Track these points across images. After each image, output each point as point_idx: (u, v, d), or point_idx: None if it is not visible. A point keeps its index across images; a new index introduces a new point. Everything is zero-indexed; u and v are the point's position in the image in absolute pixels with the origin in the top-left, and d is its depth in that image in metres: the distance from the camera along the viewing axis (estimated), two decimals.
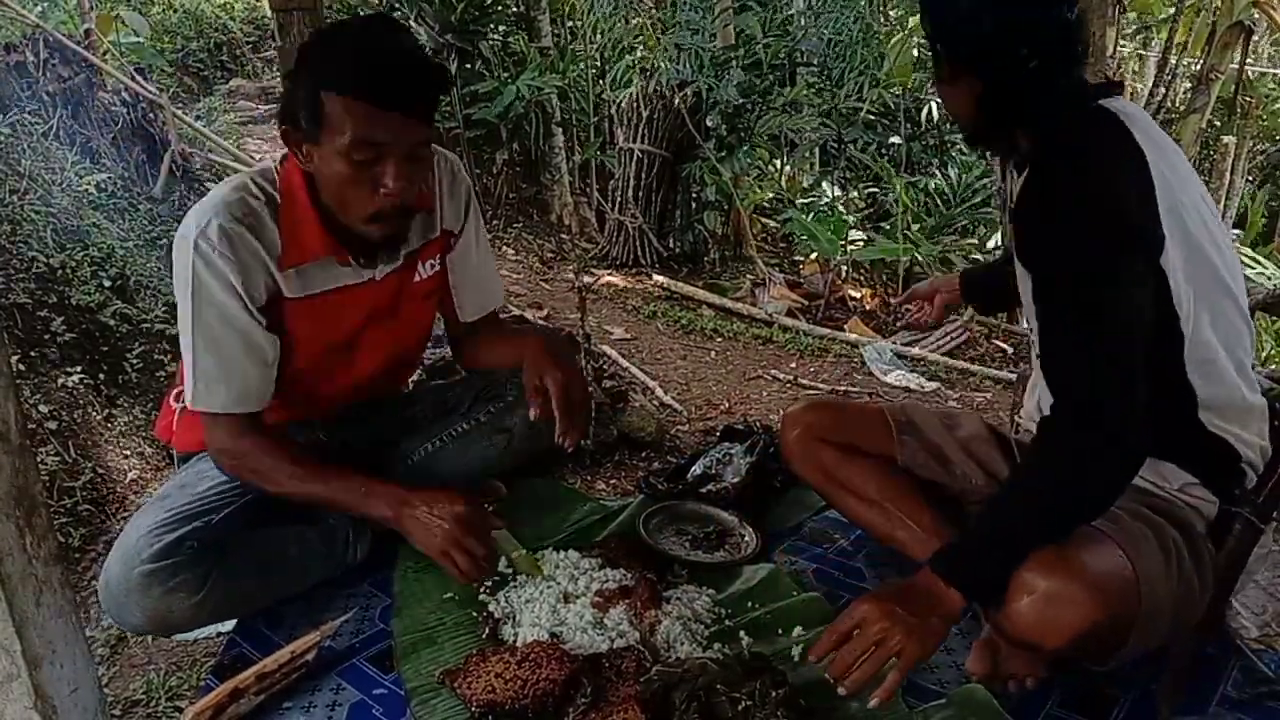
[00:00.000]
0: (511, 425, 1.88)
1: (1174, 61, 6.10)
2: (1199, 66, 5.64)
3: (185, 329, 1.54)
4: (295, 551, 1.70)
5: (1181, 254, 1.29)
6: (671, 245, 5.71)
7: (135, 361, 3.13)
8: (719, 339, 4.36)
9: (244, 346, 1.54)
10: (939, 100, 1.65)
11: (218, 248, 1.48)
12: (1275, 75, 8.04)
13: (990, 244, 5.75)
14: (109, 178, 4.01)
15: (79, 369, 2.93)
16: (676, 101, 5.29)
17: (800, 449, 1.75)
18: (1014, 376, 3.46)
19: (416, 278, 1.72)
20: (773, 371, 3.85)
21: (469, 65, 5.48)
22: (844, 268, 5.42)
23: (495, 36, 5.68)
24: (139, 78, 4.85)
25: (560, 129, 6.01)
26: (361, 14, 5.10)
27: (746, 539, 1.96)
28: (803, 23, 6.03)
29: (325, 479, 1.57)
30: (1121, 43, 6.94)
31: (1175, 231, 1.28)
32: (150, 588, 1.48)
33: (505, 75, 5.43)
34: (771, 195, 6.34)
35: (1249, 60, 5.85)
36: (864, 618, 1.31)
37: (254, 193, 1.54)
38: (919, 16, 1.51)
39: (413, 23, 5.40)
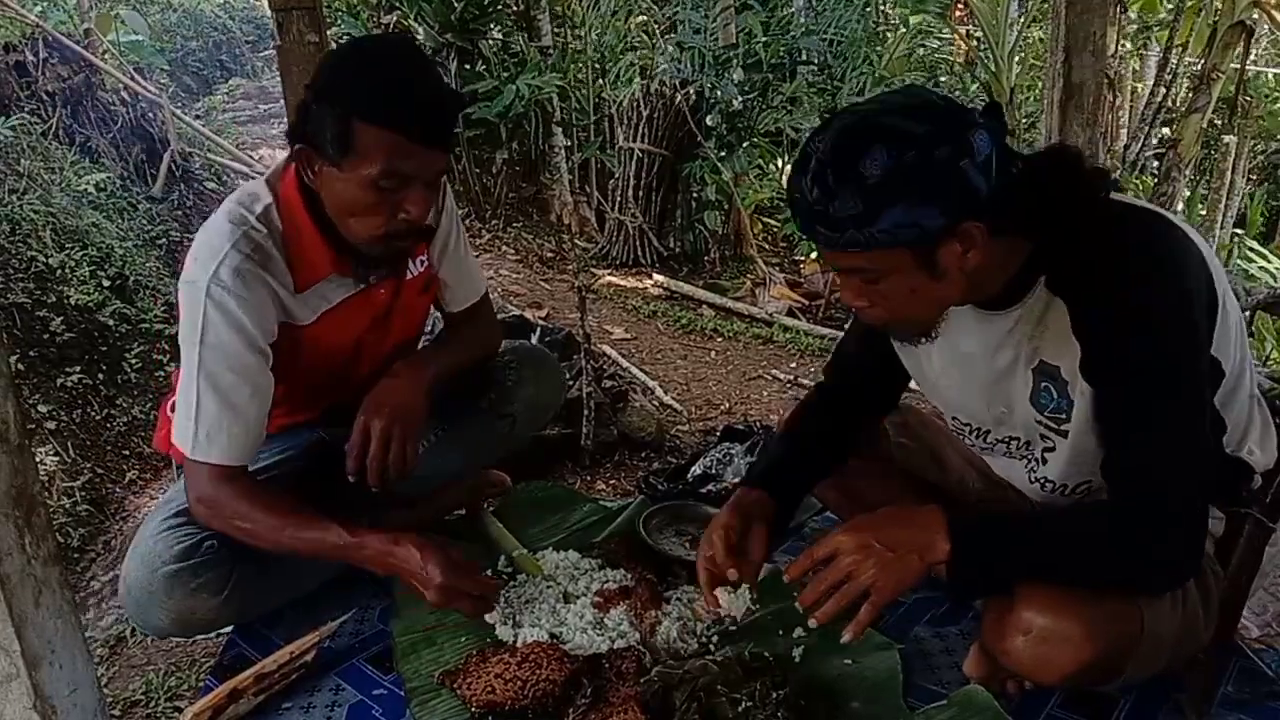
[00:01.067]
0: (513, 410, 1.89)
1: (1174, 61, 6.10)
2: (1200, 66, 5.63)
3: (191, 375, 1.49)
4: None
5: (1223, 309, 1.23)
6: (671, 245, 5.70)
7: (134, 361, 3.13)
8: (719, 339, 4.35)
9: (250, 391, 1.51)
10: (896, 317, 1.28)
11: (233, 290, 1.47)
12: (1275, 75, 8.03)
13: None
14: (108, 177, 4.00)
15: (78, 369, 2.93)
16: (677, 100, 5.28)
17: None
18: None
19: (409, 275, 1.73)
20: (773, 371, 3.85)
21: (469, 65, 5.46)
22: None
23: (495, 36, 5.66)
24: (138, 77, 4.86)
25: (560, 128, 6.00)
26: (378, 33, 5.10)
27: None
28: (802, 20, 6.02)
29: (310, 531, 1.51)
30: (1122, 42, 6.92)
31: (1222, 297, 1.23)
32: (174, 589, 1.51)
33: (505, 75, 5.41)
34: (772, 195, 6.32)
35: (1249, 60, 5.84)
36: (838, 548, 1.26)
37: (255, 225, 1.52)
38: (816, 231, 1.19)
39: (412, 22, 5.39)
